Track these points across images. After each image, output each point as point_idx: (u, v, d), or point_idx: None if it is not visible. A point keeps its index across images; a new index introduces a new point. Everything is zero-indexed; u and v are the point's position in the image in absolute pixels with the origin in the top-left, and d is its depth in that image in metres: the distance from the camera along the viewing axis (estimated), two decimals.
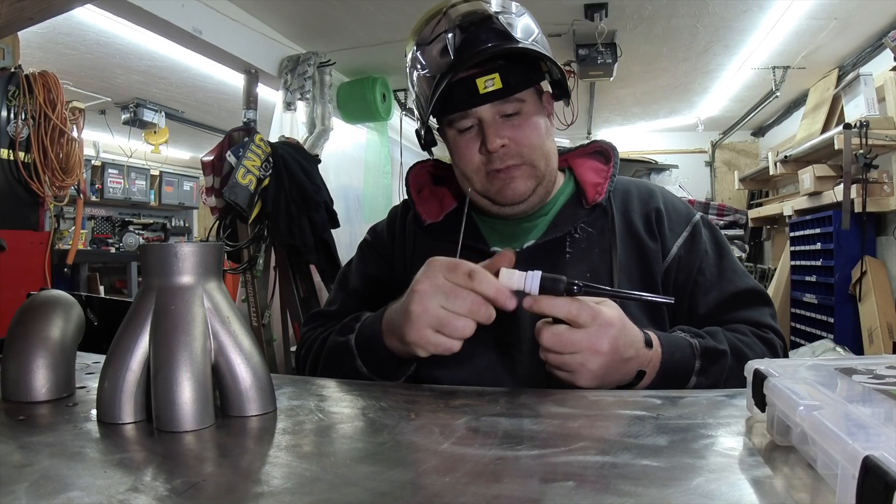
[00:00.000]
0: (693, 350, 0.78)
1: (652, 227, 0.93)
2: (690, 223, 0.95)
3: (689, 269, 0.92)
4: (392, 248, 1.04)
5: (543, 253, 0.92)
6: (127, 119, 4.55)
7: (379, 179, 4.32)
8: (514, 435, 0.52)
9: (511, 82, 0.86)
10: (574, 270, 0.90)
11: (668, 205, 0.96)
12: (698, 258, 0.92)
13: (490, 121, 0.87)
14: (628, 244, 0.92)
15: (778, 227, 5.03)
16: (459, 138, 0.91)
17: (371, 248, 1.08)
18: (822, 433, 0.38)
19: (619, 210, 0.95)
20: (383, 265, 1.04)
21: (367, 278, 1.04)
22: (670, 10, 3.12)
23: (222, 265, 0.64)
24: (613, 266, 0.90)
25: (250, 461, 0.48)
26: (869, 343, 3.20)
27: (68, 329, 0.67)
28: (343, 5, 3.00)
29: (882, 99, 3.32)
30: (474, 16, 0.86)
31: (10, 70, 2.65)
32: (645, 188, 0.99)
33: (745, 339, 0.84)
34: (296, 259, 2.86)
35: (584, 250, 0.92)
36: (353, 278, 1.06)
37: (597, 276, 0.90)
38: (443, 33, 0.86)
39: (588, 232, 0.93)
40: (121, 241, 5.42)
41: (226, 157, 2.62)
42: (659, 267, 0.92)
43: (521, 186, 0.90)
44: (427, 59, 0.88)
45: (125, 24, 2.96)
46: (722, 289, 0.91)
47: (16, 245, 2.67)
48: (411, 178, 1.06)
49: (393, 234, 1.05)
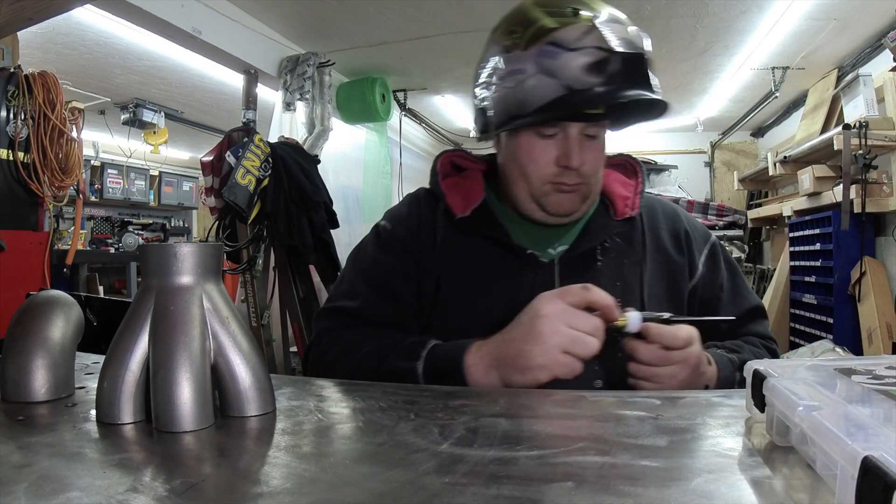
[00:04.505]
0: (733, 365, 0.87)
1: (680, 245, 1.00)
2: (709, 242, 1.04)
3: (712, 285, 1.01)
4: (419, 239, 0.99)
5: (576, 261, 0.93)
6: (126, 119, 4.54)
7: (378, 180, 4.32)
8: (514, 435, 0.52)
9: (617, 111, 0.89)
10: (605, 280, 0.90)
11: (691, 226, 1.04)
12: (719, 276, 1.02)
13: (576, 138, 0.88)
14: (656, 258, 0.97)
15: (777, 227, 5.03)
16: (538, 142, 0.89)
17: (393, 237, 1.01)
18: (821, 433, 0.38)
19: (648, 226, 0.99)
20: (406, 257, 0.98)
21: (390, 271, 0.98)
22: (669, 10, 3.12)
23: (221, 265, 0.64)
24: (644, 278, 0.94)
25: (249, 461, 0.48)
26: (868, 343, 3.20)
27: (67, 329, 0.67)
28: (343, 6, 3.00)
29: (881, 99, 3.32)
30: (636, 50, 0.84)
31: (9, 70, 2.65)
32: (670, 207, 1.06)
33: (759, 351, 0.97)
34: (295, 259, 2.86)
35: (614, 260, 0.95)
36: (372, 270, 1.00)
37: (627, 287, 0.93)
38: (594, 48, 0.82)
39: (618, 243, 0.96)
40: (120, 242, 5.42)
41: (225, 157, 2.62)
42: (685, 282, 0.99)
43: (576, 203, 0.93)
44: (561, 64, 0.82)
45: (124, 24, 2.96)
46: (738, 305, 1.01)
47: (15, 245, 2.66)
48: (438, 167, 1.03)
49: (418, 224, 1.00)
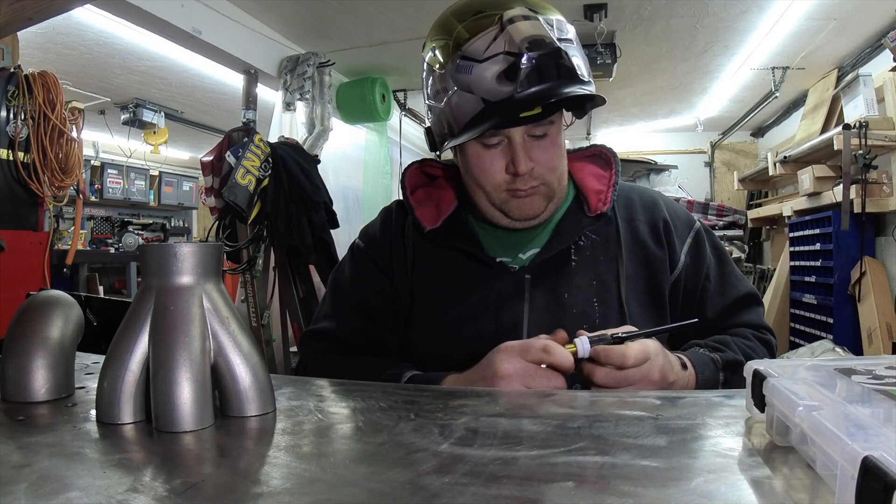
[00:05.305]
0: (716, 365, 0.83)
1: (659, 236, 0.95)
2: (693, 230, 0.98)
3: (696, 276, 0.96)
4: (390, 254, 0.99)
5: (548, 264, 0.91)
6: (126, 119, 4.55)
7: (378, 179, 4.32)
8: (514, 435, 0.52)
9: (551, 108, 0.84)
10: (581, 279, 0.90)
11: (672, 213, 0.98)
12: (704, 265, 0.96)
13: (520, 142, 0.85)
14: (634, 252, 0.93)
15: (777, 227, 5.04)
16: (484, 153, 0.87)
17: (365, 255, 1.02)
18: (821, 433, 0.38)
19: (624, 218, 0.96)
20: (379, 275, 0.99)
21: (365, 290, 0.99)
22: (670, 10, 3.12)
23: (221, 265, 0.64)
24: (620, 274, 0.91)
25: (249, 461, 0.48)
26: (868, 343, 3.20)
27: (67, 329, 0.67)
28: (342, 5, 3.00)
29: (881, 99, 3.32)
30: (543, 47, 0.78)
31: (9, 70, 2.64)
32: (648, 196, 1.00)
33: (750, 344, 0.91)
34: (295, 259, 2.86)
35: (589, 258, 0.92)
36: (349, 290, 1.01)
37: (603, 285, 0.90)
38: (502, 54, 0.78)
39: (592, 239, 0.93)
40: (120, 242, 5.42)
41: (225, 157, 2.63)
42: (665, 276, 0.94)
43: (537, 205, 0.90)
44: (476, 79, 0.80)
45: (124, 24, 2.96)
46: (726, 294, 0.96)
47: (15, 245, 2.66)
48: (407, 180, 1.01)
49: (389, 239, 1.00)
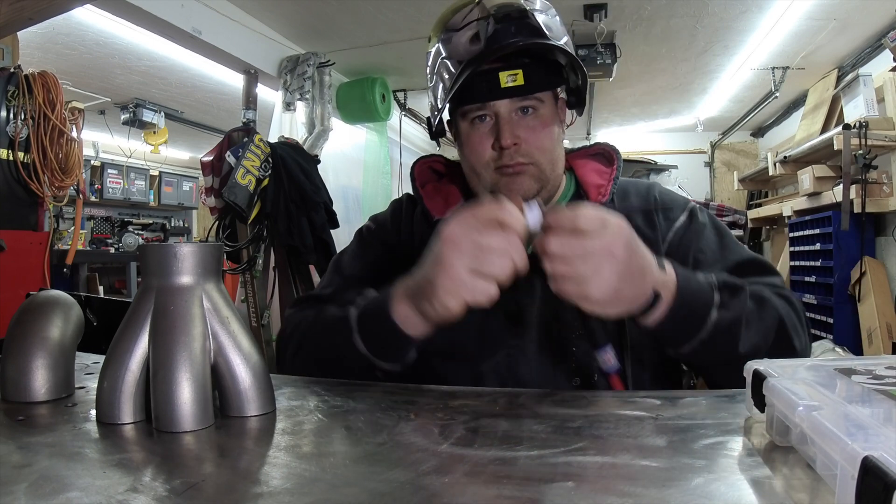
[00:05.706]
0: (710, 284, 0.74)
1: (652, 220, 0.94)
2: (686, 209, 0.96)
3: (686, 247, 0.91)
4: (398, 237, 1.00)
5: None
6: (126, 119, 4.54)
7: (378, 180, 4.32)
8: (514, 435, 0.52)
9: (533, 81, 0.86)
10: None
11: (664, 195, 0.98)
12: (697, 236, 0.92)
13: (506, 117, 0.87)
14: None
15: (777, 227, 5.04)
16: (472, 131, 0.89)
17: (373, 235, 1.03)
18: (821, 433, 0.38)
19: (621, 209, 0.95)
20: (385, 254, 0.99)
21: (368, 266, 0.99)
22: (669, 10, 3.12)
23: (221, 265, 0.64)
24: None
25: (249, 461, 0.48)
26: (868, 343, 3.20)
27: (67, 329, 0.67)
28: (342, 5, 3.00)
29: (881, 99, 3.32)
30: (510, 8, 0.84)
31: (9, 70, 2.64)
32: (642, 185, 1.01)
33: (762, 289, 0.80)
34: (295, 259, 2.86)
35: None
36: (349, 265, 1.01)
37: None
38: (474, 21, 0.85)
39: None
40: (120, 242, 5.42)
41: (225, 157, 2.63)
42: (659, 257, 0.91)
43: (526, 184, 0.89)
44: (454, 46, 0.87)
45: (124, 24, 2.96)
46: (726, 259, 0.89)
47: (15, 245, 2.66)
48: (416, 173, 1.04)
49: (398, 225, 1.01)
